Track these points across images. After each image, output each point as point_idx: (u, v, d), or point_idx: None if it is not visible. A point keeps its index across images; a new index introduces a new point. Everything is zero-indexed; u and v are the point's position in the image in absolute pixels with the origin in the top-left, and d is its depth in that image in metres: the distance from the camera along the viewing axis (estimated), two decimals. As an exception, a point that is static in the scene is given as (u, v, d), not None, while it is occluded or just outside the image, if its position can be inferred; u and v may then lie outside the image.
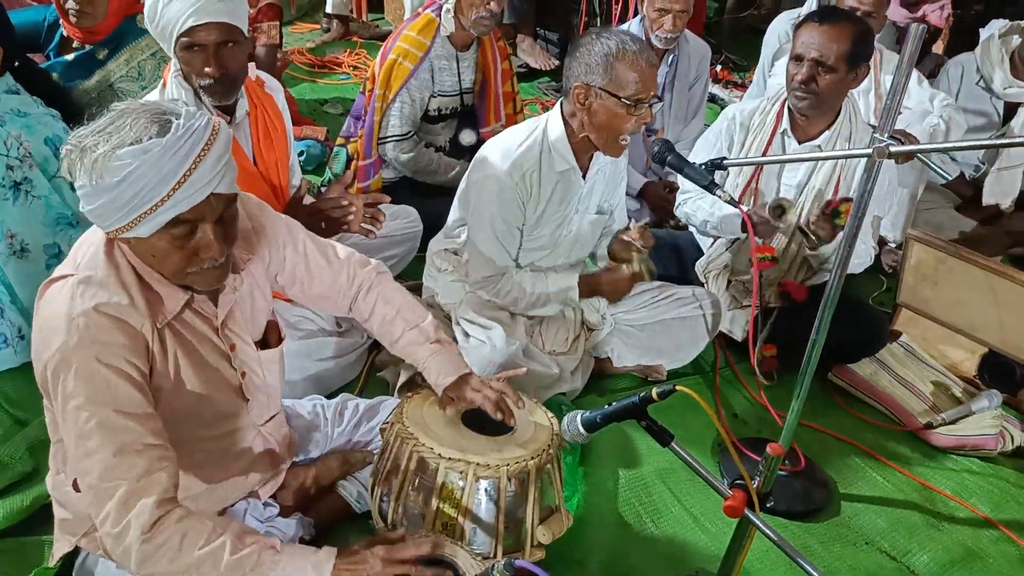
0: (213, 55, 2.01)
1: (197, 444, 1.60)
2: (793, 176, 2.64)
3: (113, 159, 1.29)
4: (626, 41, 2.09)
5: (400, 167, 3.07)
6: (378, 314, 1.83)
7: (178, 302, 1.47)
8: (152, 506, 1.30)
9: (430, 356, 1.78)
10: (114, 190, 1.30)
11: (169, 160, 1.30)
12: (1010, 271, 2.54)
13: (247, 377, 1.63)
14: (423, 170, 3.08)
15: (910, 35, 1.58)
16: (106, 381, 1.35)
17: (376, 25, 5.31)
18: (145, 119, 1.32)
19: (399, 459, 1.65)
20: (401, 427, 1.70)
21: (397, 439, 1.67)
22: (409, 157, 3.04)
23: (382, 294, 1.84)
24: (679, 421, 2.36)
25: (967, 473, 2.43)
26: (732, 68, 5.39)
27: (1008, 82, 3.47)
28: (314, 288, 1.79)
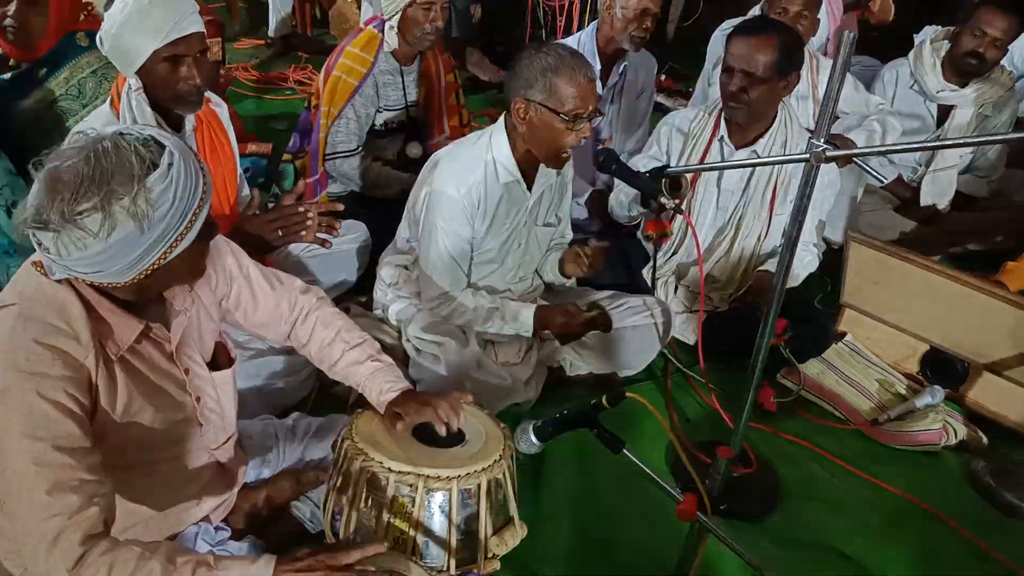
0: (195, 64, 2.03)
1: (149, 471, 1.57)
2: (731, 182, 2.69)
3: (148, 191, 1.27)
4: (565, 56, 2.12)
5: (347, 182, 3.05)
6: (317, 338, 1.81)
7: (132, 332, 1.44)
8: (78, 542, 1.27)
9: (370, 375, 1.77)
10: (165, 218, 1.29)
11: (187, 164, 1.32)
12: (947, 270, 2.62)
13: (201, 402, 1.61)
14: (372, 183, 3.07)
15: (842, 42, 1.63)
16: (45, 415, 1.31)
17: (321, 41, 5.29)
18: (124, 145, 1.28)
19: (349, 475, 1.64)
20: (351, 443, 1.68)
21: (347, 455, 1.66)
22: (356, 171, 3.03)
23: (321, 318, 1.82)
24: (634, 427, 2.38)
25: (913, 468, 2.49)
26: (677, 78, 5.47)
27: (941, 86, 3.58)
28: (257, 314, 1.78)
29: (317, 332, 1.81)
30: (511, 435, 1.77)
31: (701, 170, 2.44)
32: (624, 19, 3.13)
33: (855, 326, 2.90)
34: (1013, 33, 3.43)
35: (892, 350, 2.83)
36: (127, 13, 1.97)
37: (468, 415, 1.82)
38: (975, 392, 2.66)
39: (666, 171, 2.21)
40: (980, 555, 2.20)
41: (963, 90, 3.54)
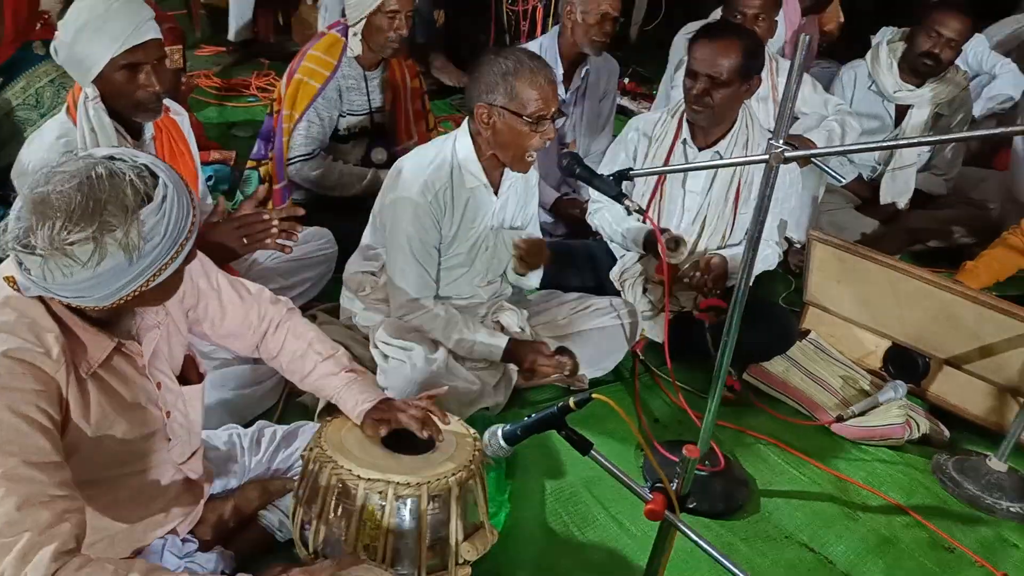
0: (154, 71, 2.01)
1: (117, 485, 1.54)
2: (696, 183, 2.72)
3: (141, 224, 1.26)
4: (524, 60, 2.13)
5: (310, 185, 3.02)
6: (288, 350, 1.80)
7: (104, 349, 1.42)
8: (50, 559, 1.24)
9: (345, 386, 1.76)
10: (155, 250, 1.29)
11: (180, 196, 1.31)
12: (907, 267, 2.66)
13: (171, 416, 1.59)
14: (335, 185, 3.03)
15: (799, 44, 1.66)
16: (16, 430, 1.28)
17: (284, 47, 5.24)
18: (119, 174, 1.27)
19: (318, 484, 1.63)
20: (319, 451, 1.67)
21: (316, 463, 1.65)
22: (318, 174, 3.00)
23: (291, 329, 1.81)
24: (604, 428, 2.39)
25: (878, 463, 2.53)
26: (640, 80, 5.51)
27: (898, 86, 3.64)
28: (225, 325, 1.76)
29: (288, 344, 1.80)
30: (480, 440, 1.77)
31: (663, 172, 2.46)
32: (585, 23, 3.15)
33: (819, 324, 2.94)
34: (966, 33, 3.50)
35: (855, 346, 2.87)
36: (82, 21, 1.95)
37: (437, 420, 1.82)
38: (936, 386, 2.71)
39: (629, 173, 2.22)
40: (944, 546, 2.24)
41: (919, 90, 3.61)
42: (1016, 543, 2.28)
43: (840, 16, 4.97)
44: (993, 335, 2.51)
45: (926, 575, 2.15)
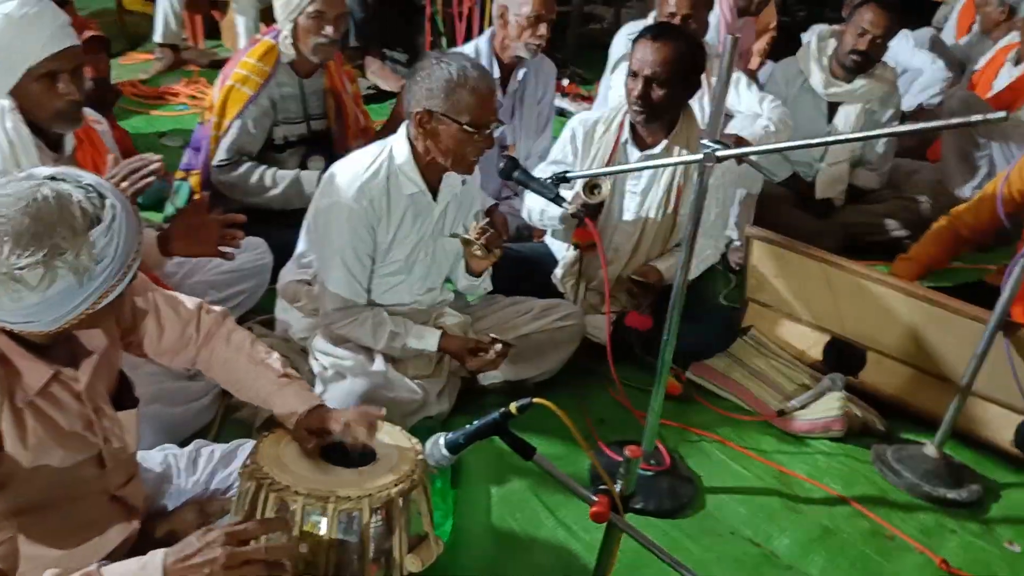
0: (72, 79, 1.94)
1: (51, 513, 1.48)
2: (637, 184, 2.73)
3: (91, 245, 1.23)
4: (467, 67, 2.11)
5: (230, 192, 2.93)
6: (220, 357, 1.76)
7: (41, 377, 1.36)
8: None
9: (278, 391, 1.72)
10: (105, 271, 1.26)
11: (128, 216, 1.28)
12: (842, 261, 2.71)
13: (108, 443, 1.53)
14: (255, 190, 2.93)
15: (726, 48, 1.67)
16: None
17: (214, 52, 5.15)
18: (65, 195, 1.23)
19: (256, 502, 1.58)
20: (256, 468, 1.63)
21: (252, 481, 1.60)
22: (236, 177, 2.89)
23: (225, 337, 1.77)
24: (553, 431, 2.38)
25: (819, 455, 2.56)
26: (579, 82, 5.53)
27: (829, 83, 3.72)
28: (163, 342, 1.72)
29: (220, 351, 1.76)
30: (422, 449, 1.74)
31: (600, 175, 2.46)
32: (519, 26, 3.14)
33: (759, 320, 2.97)
34: (892, 30, 3.60)
35: (795, 341, 2.91)
36: (-6, 33, 1.87)
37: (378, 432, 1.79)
38: (873, 377, 2.76)
39: (567, 176, 2.22)
40: (884, 534, 2.28)
41: (850, 86, 3.69)
42: (954, 529, 2.33)
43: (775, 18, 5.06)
44: (924, 325, 2.58)
45: (867, 564, 2.19)
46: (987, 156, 4.08)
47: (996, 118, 1.56)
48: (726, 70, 1.66)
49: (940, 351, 2.58)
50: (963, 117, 1.92)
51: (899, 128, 3.65)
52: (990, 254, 3.56)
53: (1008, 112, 1.63)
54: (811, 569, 2.15)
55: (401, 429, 1.87)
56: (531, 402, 1.57)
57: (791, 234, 2.98)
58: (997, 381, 2.45)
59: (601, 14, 6.77)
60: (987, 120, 1.59)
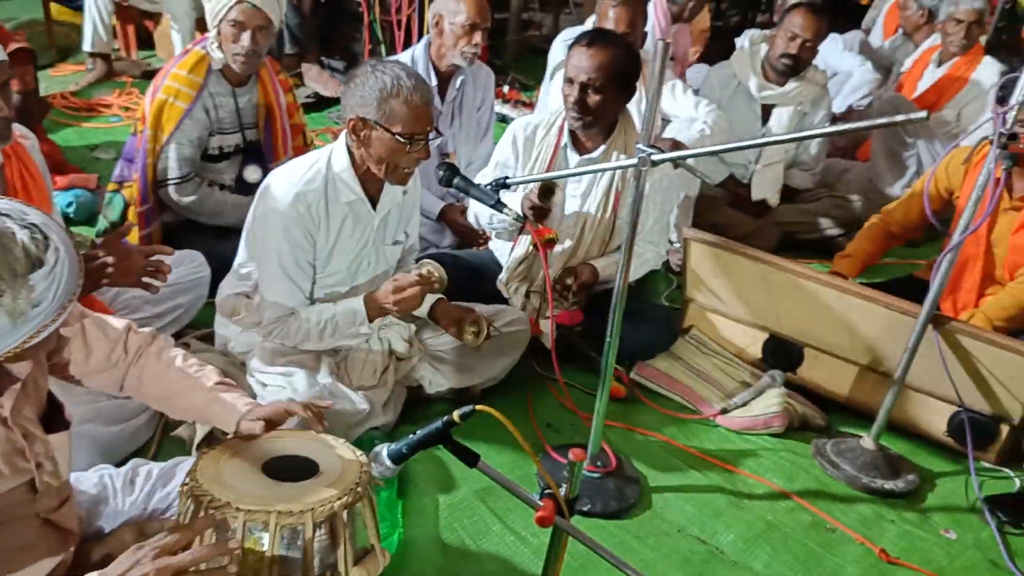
0: (0, 94, 1.91)
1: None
2: (577, 187, 2.76)
3: (31, 289, 1.20)
4: (402, 77, 2.10)
5: (183, 211, 2.91)
6: (151, 375, 1.71)
7: None
8: None
9: (214, 399, 1.69)
10: (41, 313, 1.22)
11: (70, 259, 1.26)
12: (778, 260, 2.77)
13: (41, 467, 1.48)
14: (209, 212, 2.94)
15: (657, 52, 1.69)
16: None
17: (147, 63, 5.04)
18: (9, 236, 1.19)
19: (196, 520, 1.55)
20: (195, 485, 1.59)
21: (192, 499, 1.57)
22: (192, 200, 2.90)
23: (154, 354, 1.73)
24: (501, 437, 2.38)
25: (761, 451, 2.61)
26: (519, 88, 5.55)
27: (762, 86, 3.80)
28: (91, 364, 1.67)
29: (150, 368, 1.71)
30: (367, 461, 1.73)
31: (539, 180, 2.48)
32: (454, 35, 3.14)
33: (700, 319, 3.02)
34: (821, 34, 3.69)
35: (735, 340, 2.96)
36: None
37: (320, 445, 1.77)
38: (811, 373, 2.83)
39: (507, 182, 2.23)
40: (825, 527, 2.34)
41: (782, 89, 3.78)
42: (892, 519, 2.39)
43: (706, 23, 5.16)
44: (858, 321, 2.64)
45: (810, 556, 2.24)
46: (914, 155, 4.21)
47: (918, 118, 1.61)
48: (658, 74, 1.69)
49: (874, 345, 2.65)
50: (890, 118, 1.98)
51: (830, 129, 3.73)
52: (919, 249, 3.67)
53: (931, 111, 1.69)
54: (756, 564, 2.19)
55: (345, 442, 1.85)
56: (473, 409, 1.56)
57: (728, 235, 3.04)
58: (929, 373, 2.53)
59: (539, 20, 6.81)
60: (910, 120, 1.64)
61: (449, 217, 3.36)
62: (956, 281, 2.84)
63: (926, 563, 2.24)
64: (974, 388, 2.52)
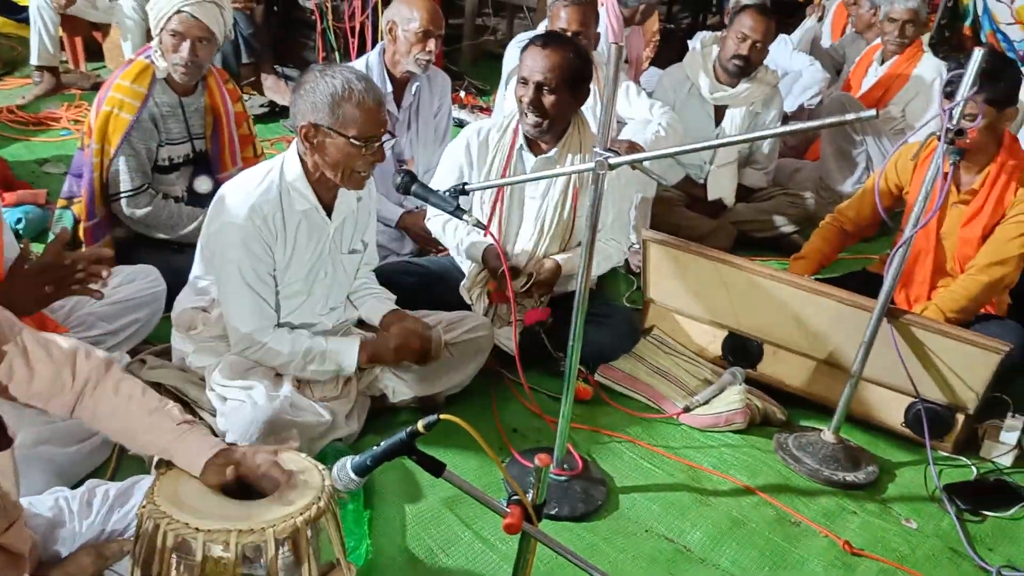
0: None
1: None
2: (534, 189, 2.77)
3: None
4: (352, 80, 2.09)
5: (136, 225, 2.86)
6: (108, 409, 1.66)
7: None
8: None
9: (178, 438, 1.64)
10: None
11: None
12: (735, 259, 2.81)
13: None
14: (164, 224, 2.88)
15: (611, 56, 1.70)
16: None
17: (97, 75, 4.95)
18: None
19: (155, 542, 1.51)
20: (153, 507, 1.56)
21: (150, 520, 1.54)
22: (146, 212, 2.84)
23: (113, 388, 1.67)
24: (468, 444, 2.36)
25: (725, 448, 2.64)
26: (476, 93, 5.56)
27: (714, 88, 3.85)
28: (34, 385, 1.60)
29: (107, 402, 1.66)
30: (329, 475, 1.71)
31: (498, 185, 2.48)
32: (408, 42, 3.13)
33: (661, 320, 3.04)
34: (770, 35, 3.75)
35: (695, 338, 2.99)
36: None
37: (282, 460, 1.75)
38: (771, 369, 2.86)
39: (465, 188, 2.22)
40: (790, 521, 2.36)
41: (734, 90, 3.83)
42: (854, 510, 2.43)
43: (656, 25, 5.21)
44: (814, 316, 2.68)
45: (775, 551, 2.26)
46: (863, 152, 4.29)
47: (867, 116, 1.64)
48: (613, 77, 1.70)
49: (831, 340, 2.69)
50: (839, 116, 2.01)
51: (784, 128, 3.81)
52: (871, 244, 3.73)
53: (877, 108, 1.72)
54: (722, 561, 2.21)
55: (306, 456, 1.83)
56: (438, 419, 1.55)
57: (685, 235, 3.07)
58: (885, 366, 2.57)
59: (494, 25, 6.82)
60: (860, 118, 1.67)
61: (409, 223, 3.35)
62: (908, 275, 2.90)
63: (888, 553, 2.28)
64: (929, 379, 2.57)
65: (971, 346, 2.47)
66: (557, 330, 2.72)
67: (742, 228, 3.96)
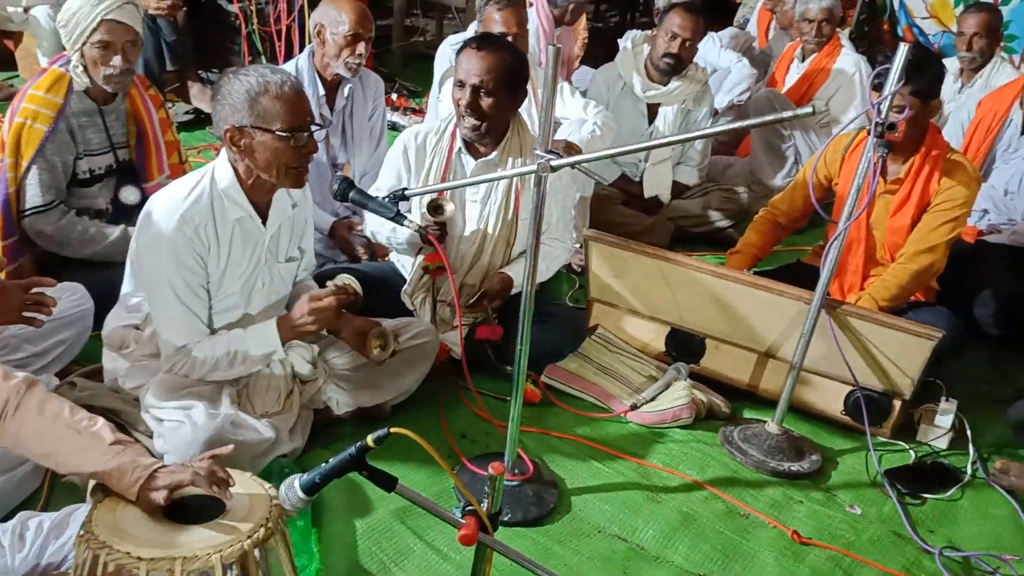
0: None
1: None
2: (476, 192, 2.74)
3: None
4: (265, 74, 2.05)
5: (45, 243, 2.71)
6: (33, 432, 1.57)
7: None
8: None
9: (111, 459, 1.57)
10: None
11: None
12: (673, 255, 2.83)
13: None
14: (76, 241, 2.73)
15: (549, 56, 1.69)
16: None
17: (10, 85, 4.74)
18: None
19: (95, 573, 1.45)
20: (91, 536, 1.49)
21: (88, 552, 1.46)
22: (55, 228, 2.69)
23: (37, 408, 1.58)
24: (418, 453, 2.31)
25: (673, 443, 2.65)
26: (408, 95, 5.51)
27: (646, 86, 3.88)
28: None
29: (32, 423, 1.57)
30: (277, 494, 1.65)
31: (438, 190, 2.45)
32: (336, 45, 3.08)
33: (605, 318, 3.05)
34: (699, 33, 3.80)
35: (639, 335, 3.00)
36: None
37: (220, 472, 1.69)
38: (713, 363, 2.89)
39: (405, 193, 2.18)
40: (739, 513, 2.39)
41: (666, 88, 3.87)
42: (800, 499, 2.47)
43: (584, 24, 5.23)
44: (752, 309, 2.72)
45: (726, 543, 2.28)
46: (792, 146, 4.39)
47: (803, 113, 1.66)
48: (551, 79, 1.68)
49: (770, 332, 2.74)
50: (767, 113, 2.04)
51: (718, 127, 3.87)
52: (804, 236, 3.82)
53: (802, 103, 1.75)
54: (675, 557, 2.22)
55: (252, 475, 1.77)
56: (388, 432, 1.52)
57: (623, 232, 3.09)
58: (824, 356, 2.63)
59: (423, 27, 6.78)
60: (798, 115, 1.69)
61: (337, 234, 3.28)
62: (842, 265, 2.96)
63: (835, 540, 2.32)
64: (866, 367, 2.64)
65: (905, 334, 2.54)
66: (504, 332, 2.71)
67: (678, 224, 4.01)
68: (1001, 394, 2.95)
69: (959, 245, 3.02)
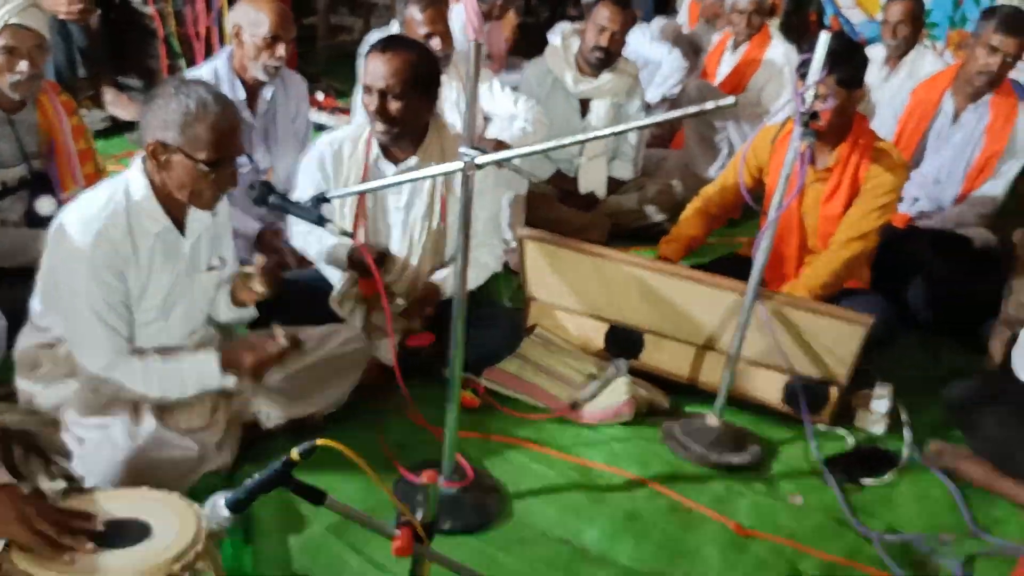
0: None
1: None
2: (398, 199, 2.68)
3: None
4: (208, 100, 1.97)
5: None
6: None
7: None
8: None
9: None
10: None
11: None
12: (609, 252, 2.81)
13: None
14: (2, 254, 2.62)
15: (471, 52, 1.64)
16: None
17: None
18: None
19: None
20: (10, 566, 1.42)
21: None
22: None
23: None
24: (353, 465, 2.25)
25: (614, 441, 2.63)
26: (335, 95, 5.39)
27: (578, 80, 3.86)
28: None
29: None
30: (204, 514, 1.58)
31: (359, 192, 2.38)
32: (255, 47, 2.98)
33: (543, 317, 3.01)
34: (627, 25, 3.80)
35: (578, 333, 2.97)
36: None
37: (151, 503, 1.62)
38: (652, 358, 2.88)
39: (326, 197, 2.11)
40: (683, 509, 2.37)
41: (597, 82, 3.86)
42: (742, 492, 2.46)
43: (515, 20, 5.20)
44: (689, 302, 2.72)
45: (671, 540, 2.26)
46: (725, 137, 4.43)
47: (726, 104, 1.65)
48: (473, 75, 1.63)
49: (707, 325, 2.73)
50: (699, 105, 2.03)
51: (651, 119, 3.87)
52: (738, 228, 3.84)
53: (735, 94, 1.74)
54: (620, 557, 2.19)
55: (179, 495, 1.70)
56: (314, 445, 1.46)
57: (561, 230, 3.05)
58: (761, 347, 2.63)
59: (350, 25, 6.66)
60: (720, 106, 1.68)
61: (265, 241, 3.17)
62: (775, 255, 2.97)
63: (778, 531, 2.32)
64: (803, 356, 2.65)
65: (838, 321, 2.56)
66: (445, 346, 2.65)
67: (615, 220, 3.99)
68: (936, 377, 2.99)
69: (891, 231, 3.06)
